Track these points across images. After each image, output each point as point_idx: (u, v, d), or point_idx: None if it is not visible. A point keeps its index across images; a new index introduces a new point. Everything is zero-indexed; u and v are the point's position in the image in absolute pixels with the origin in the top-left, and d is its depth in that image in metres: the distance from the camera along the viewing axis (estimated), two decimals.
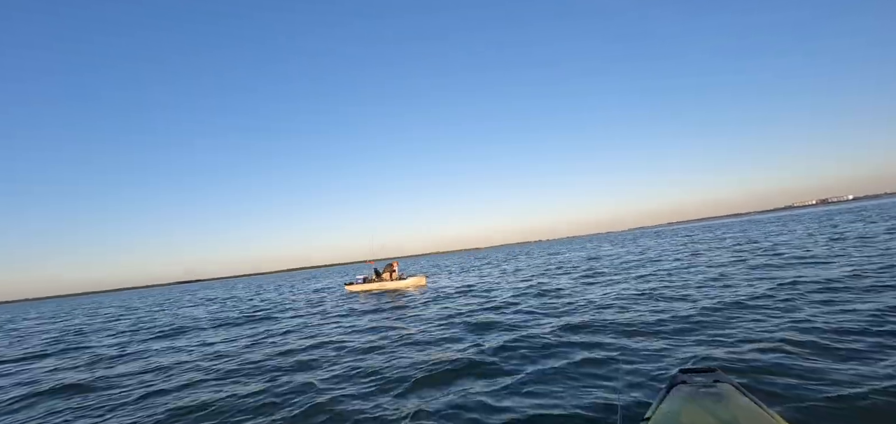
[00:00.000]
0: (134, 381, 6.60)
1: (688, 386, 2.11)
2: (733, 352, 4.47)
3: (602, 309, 8.05)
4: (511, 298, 11.07)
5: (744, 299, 7.19)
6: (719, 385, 2.07)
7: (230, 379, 6.01)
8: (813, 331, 4.98)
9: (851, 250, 12.29)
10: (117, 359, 8.71)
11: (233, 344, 8.93)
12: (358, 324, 9.57)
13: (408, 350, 6.57)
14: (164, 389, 5.89)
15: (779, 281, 8.55)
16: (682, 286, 9.54)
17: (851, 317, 5.35)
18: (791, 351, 4.37)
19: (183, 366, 7.21)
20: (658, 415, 1.91)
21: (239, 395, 5.13)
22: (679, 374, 2.28)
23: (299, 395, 4.88)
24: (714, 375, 2.22)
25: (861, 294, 6.65)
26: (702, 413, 1.84)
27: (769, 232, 27.49)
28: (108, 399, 5.75)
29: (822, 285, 7.61)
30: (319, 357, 6.66)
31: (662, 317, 6.58)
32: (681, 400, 1.98)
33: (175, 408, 4.96)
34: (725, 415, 1.79)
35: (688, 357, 4.47)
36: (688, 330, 5.76)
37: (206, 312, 17.54)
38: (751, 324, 5.63)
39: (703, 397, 1.97)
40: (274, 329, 10.43)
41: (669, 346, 5.08)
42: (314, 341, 8.08)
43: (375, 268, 20.18)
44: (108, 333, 13.85)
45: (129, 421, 4.79)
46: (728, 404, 1.88)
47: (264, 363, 6.71)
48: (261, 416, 4.39)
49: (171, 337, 11.06)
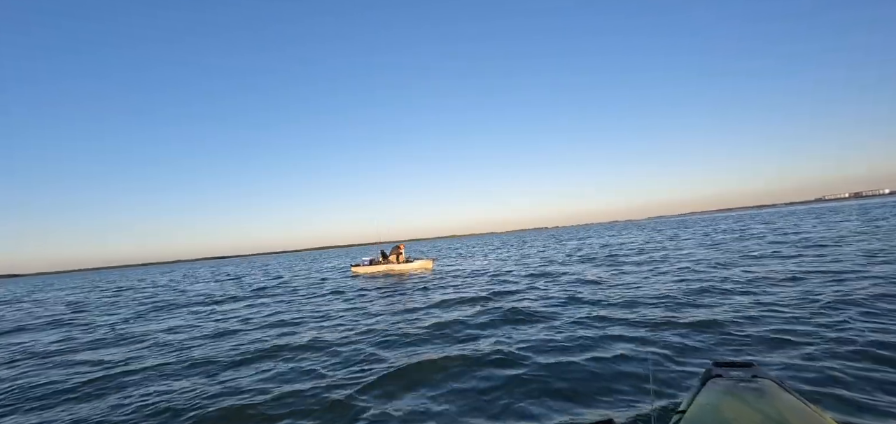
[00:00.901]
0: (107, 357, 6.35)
1: (724, 380, 1.99)
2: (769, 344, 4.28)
3: (627, 297, 7.61)
4: (517, 280, 10.48)
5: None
6: (758, 380, 1.94)
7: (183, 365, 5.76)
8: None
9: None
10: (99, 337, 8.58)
11: (191, 329, 8.65)
12: (336, 307, 9.21)
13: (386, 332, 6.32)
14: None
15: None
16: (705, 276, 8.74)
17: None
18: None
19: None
20: (695, 408, 1.79)
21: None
22: (714, 367, 2.13)
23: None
24: (752, 370, 2.07)
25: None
26: (742, 407, 1.72)
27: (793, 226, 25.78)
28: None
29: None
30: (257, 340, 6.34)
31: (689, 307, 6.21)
32: (718, 394, 1.86)
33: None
34: (769, 411, 1.67)
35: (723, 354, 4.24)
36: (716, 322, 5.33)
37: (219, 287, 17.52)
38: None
39: (742, 391, 1.85)
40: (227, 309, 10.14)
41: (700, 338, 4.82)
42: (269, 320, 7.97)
43: (382, 250, 19.79)
44: (112, 308, 13.90)
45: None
46: (771, 399, 1.75)
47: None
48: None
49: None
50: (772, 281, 7.75)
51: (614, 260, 15.11)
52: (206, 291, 17.06)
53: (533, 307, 7.38)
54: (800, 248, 12.39)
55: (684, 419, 1.75)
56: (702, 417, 1.72)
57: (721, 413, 1.71)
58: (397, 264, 18.97)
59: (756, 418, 1.64)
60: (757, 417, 1.64)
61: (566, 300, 7.87)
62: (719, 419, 1.68)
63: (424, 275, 15.84)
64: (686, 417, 1.75)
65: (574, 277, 11.10)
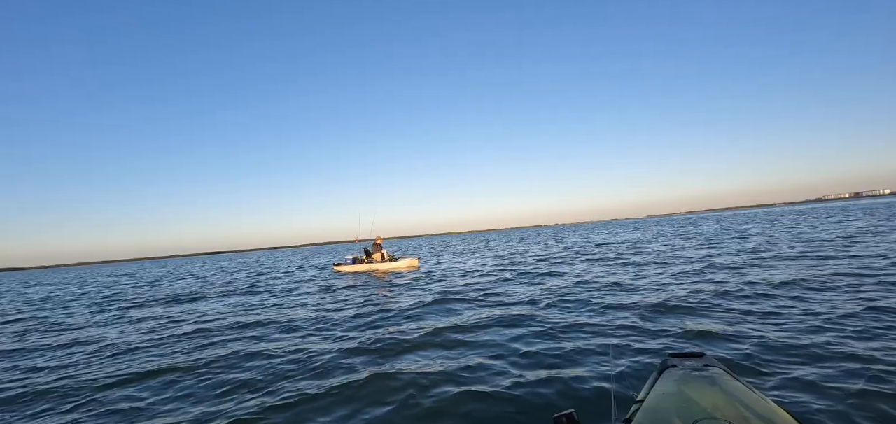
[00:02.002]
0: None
1: (678, 369, 2.14)
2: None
3: (592, 290, 7.78)
4: (499, 280, 9.88)
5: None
6: (710, 369, 2.11)
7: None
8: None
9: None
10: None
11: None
12: (301, 311, 8.56)
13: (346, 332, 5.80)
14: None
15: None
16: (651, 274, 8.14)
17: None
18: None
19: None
20: (651, 397, 1.93)
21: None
22: (669, 358, 2.30)
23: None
24: (704, 359, 2.25)
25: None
26: (695, 393, 1.86)
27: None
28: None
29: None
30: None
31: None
32: (673, 382, 2.01)
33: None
34: (719, 396, 1.81)
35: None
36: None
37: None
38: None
39: (695, 379, 2.01)
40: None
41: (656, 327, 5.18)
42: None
43: (365, 248, 19.11)
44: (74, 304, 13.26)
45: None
46: (721, 386, 1.92)
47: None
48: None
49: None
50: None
51: (604, 257, 14.90)
52: (176, 289, 16.42)
53: (505, 305, 7.02)
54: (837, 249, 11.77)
55: (642, 407, 1.86)
56: (658, 404, 1.85)
57: (676, 399, 1.84)
58: (382, 263, 18.30)
59: (707, 402, 1.77)
60: (708, 401, 1.77)
61: (539, 296, 7.72)
62: (674, 405, 1.80)
63: (409, 274, 15.21)
64: (644, 405, 1.87)
65: (555, 273, 10.75)
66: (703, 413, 1.70)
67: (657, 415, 1.76)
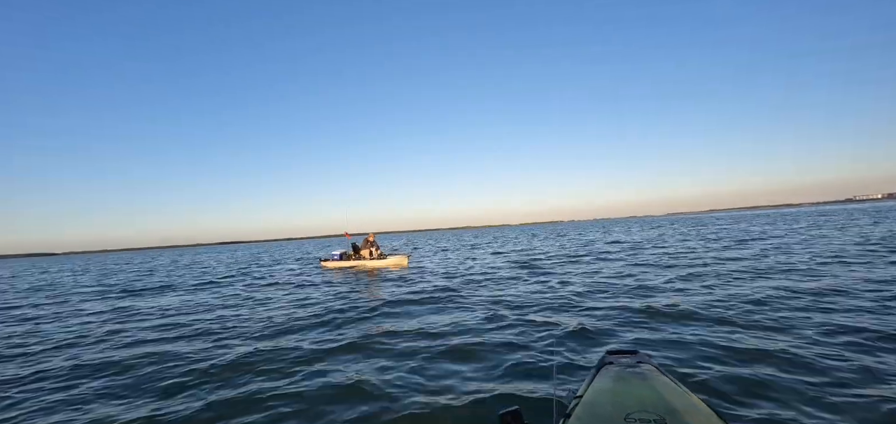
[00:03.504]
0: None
1: (615, 367, 2.29)
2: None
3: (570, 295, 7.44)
4: (469, 282, 9.02)
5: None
6: (642, 366, 2.27)
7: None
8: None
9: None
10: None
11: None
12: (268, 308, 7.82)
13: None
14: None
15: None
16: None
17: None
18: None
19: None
20: (589, 393, 2.06)
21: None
22: (607, 356, 2.44)
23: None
24: (637, 357, 2.40)
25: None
26: (628, 388, 2.03)
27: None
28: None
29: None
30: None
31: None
32: (609, 379, 2.16)
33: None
34: (647, 391, 1.98)
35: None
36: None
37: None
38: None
39: (628, 375, 2.17)
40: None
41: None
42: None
43: (353, 243, 18.39)
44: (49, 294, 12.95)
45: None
46: (651, 381, 2.08)
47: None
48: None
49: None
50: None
51: (596, 256, 14.19)
52: (153, 282, 16.04)
53: (465, 308, 6.66)
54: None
55: (581, 403, 1.99)
56: (595, 399, 2.00)
57: (610, 394, 2.01)
58: (369, 260, 17.57)
59: (638, 397, 1.95)
60: (639, 396, 1.96)
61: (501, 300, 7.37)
62: (609, 400, 1.97)
63: (397, 272, 14.42)
64: (582, 401, 2.01)
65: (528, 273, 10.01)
66: (633, 407, 1.86)
67: (593, 410, 1.90)
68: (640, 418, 1.77)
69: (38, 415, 3.64)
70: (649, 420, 1.75)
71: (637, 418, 1.77)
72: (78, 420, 3.51)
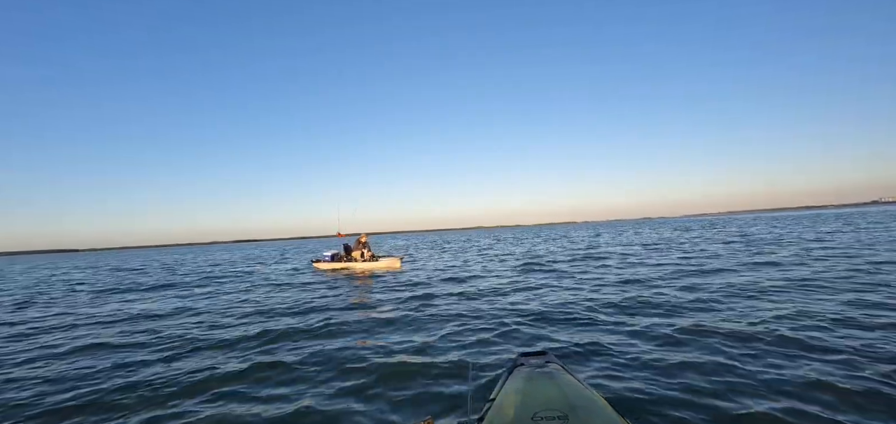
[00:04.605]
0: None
1: (526, 368, 2.44)
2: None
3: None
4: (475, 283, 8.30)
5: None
6: (549, 366, 2.43)
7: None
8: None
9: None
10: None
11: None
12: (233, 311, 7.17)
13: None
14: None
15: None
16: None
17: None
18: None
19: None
20: (501, 394, 2.20)
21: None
22: (519, 357, 2.62)
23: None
24: (545, 357, 2.59)
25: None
26: (535, 389, 2.17)
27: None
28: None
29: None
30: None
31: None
32: (520, 380, 2.30)
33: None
34: (553, 391, 2.13)
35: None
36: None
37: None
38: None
39: (537, 376, 2.32)
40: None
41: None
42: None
43: (345, 244, 17.76)
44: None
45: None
46: (557, 381, 2.24)
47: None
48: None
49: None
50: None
51: (591, 258, 13.21)
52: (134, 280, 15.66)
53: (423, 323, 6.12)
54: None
55: (493, 405, 2.11)
56: (506, 400, 2.13)
57: (520, 395, 2.14)
58: (360, 261, 16.93)
59: (544, 396, 2.08)
60: (545, 395, 2.08)
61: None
62: (519, 401, 2.08)
63: (389, 275, 13.74)
64: (494, 403, 2.13)
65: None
66: (540, 406, 2.01)
67: (503, 411, 2.04)
68: (545, 415, 1.91)
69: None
70: (553, 417, 1.90)
71: (542, 416, 1.91)
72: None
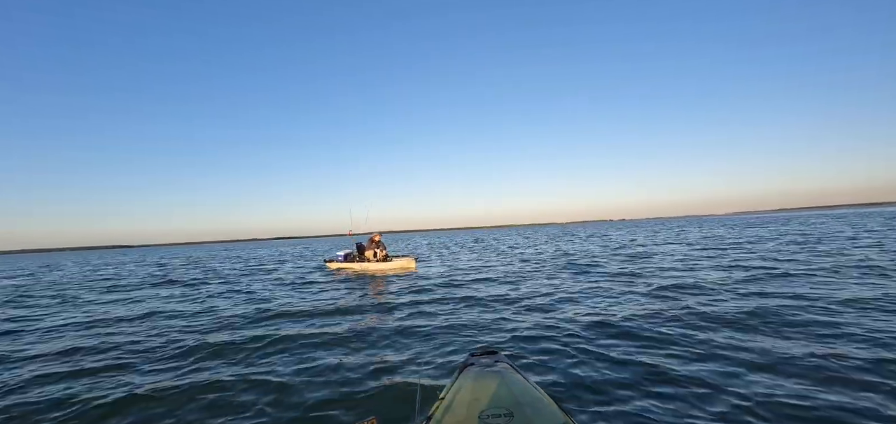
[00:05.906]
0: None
1: (475, 367, 2.48)
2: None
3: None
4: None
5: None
6: (498, 365, 2.47)
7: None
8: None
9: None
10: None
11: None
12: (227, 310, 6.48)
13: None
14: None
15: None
16: None
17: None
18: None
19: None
20: (451, 393, 2.24)
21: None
22: (470, 357, 2.64)
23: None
24: (495, 357, 2.60)
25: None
26: (484, 388, 2.23)
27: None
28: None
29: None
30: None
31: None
32: (470, 379, 2.35)
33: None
34: (501, 390, 2.20)
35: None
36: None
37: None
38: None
39: (486, 375, 2.37)
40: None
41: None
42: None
43: (358, 243, 17.00)
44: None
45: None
46: (505, 380, 2.29)
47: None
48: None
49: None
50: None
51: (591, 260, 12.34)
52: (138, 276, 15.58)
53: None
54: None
55: (442, 404, 2.15)
56: (455, 399, 2.17)
57: (469, 394, 2.19)
58: (373, 262, 16.07)
59: (492, 395, 2.14)
60: (493, 394, 2.15)
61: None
62: (468, 399, 2.14)
63: (402, 277, 12.88)
64: (443, 402, 2.16)
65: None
66: (486, 404, 2.08)
67: (452, 410, 2.08)
68: (492, 413, 2.02)
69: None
70: (499, 414, 2.00)
71: (489, 414, 2.02)
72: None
